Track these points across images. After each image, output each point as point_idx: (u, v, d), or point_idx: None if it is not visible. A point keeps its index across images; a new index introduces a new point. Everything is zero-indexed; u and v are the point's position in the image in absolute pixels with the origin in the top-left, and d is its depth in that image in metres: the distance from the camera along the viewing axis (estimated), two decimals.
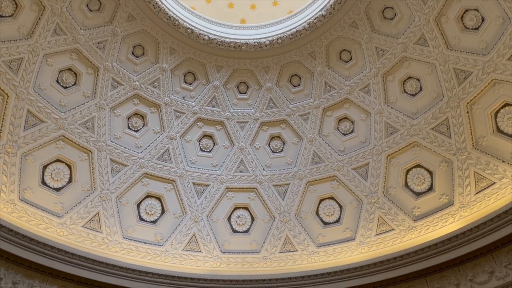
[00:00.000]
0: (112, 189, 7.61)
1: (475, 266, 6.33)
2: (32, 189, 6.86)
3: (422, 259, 6.71)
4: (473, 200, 6.79)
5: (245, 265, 7.87)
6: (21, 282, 6.16)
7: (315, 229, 8.04)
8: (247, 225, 8.27)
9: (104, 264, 6.86)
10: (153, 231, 7.77)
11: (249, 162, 8.54)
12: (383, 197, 7.72)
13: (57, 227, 6.90)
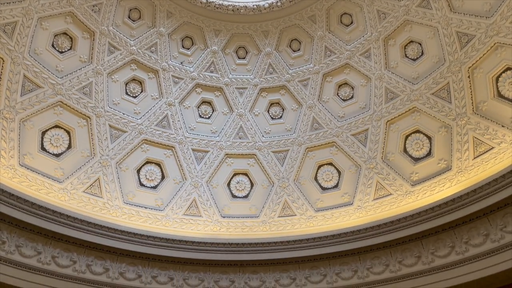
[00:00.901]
0: (112, 155, 7.64)
1: (471, 229, 6.44)
2: (32, 155, 6.89)
3: (418, 222, 6.82)
4: (471, 165, 6.82)
5: (245, 229, 8.01)
6: (24, 245, 6.29)
7: (314, 194, 8.13)
8: (247, 190, 8.36)
9: (105, 228, 6.99)
10: (153, 196, 7.87)
11: (248, 128, 8.53)
12: (382, 162, 7.75)
13: (58, 192, 6.98)
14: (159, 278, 7.20)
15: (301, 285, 7.32)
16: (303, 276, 7.39)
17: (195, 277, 7.37)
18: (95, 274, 6.78)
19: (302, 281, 7.34)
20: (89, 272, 6.76)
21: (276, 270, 7.49)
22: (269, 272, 7.49)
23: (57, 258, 6.54)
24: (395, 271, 6.90)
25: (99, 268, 6.87)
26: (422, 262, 6.75)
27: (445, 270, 6.47)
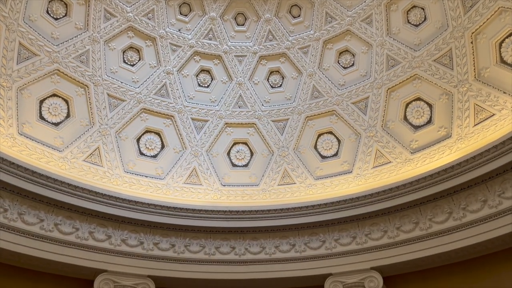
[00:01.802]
0: (111, 124, 7.62)
1: (469, 196, 6.50)
2: (30, 124, 6.87)
3: (417, 189, 6.87)
4: (471, 132, 6.81)
5: (245, 197, 8.08)
6: (26, 213, 6.36)
7: (313, 163, 8.16)
8: (247, 159, 8.38)
9: (107, 197, 7.05)
10: (153, 165, 7.89)
11: (248, 97, 8.46)
12: (382, 130, 7.74)
13: (58, 161, 7.00)
14: (161, 245, 7.32)
15: (301, 251, 7.45)
16: (303, 242, 7.51)
17: (196, 243, 7.50)
18: (97, 241, 6.89)
19: (301, 247, 7.47)
20: (92, 239, 6.87)
21: (276, 236, 7.61)
22: (269, 239, 7.61)
23: (59, 225, 6.63)
24: (393, 237, 7.01)
25: (102, 235, 6.97)
26: (419, 228, 6.84)
27: (442, 236, 6.56)
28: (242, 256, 7.49)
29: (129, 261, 7.01)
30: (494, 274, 6.43)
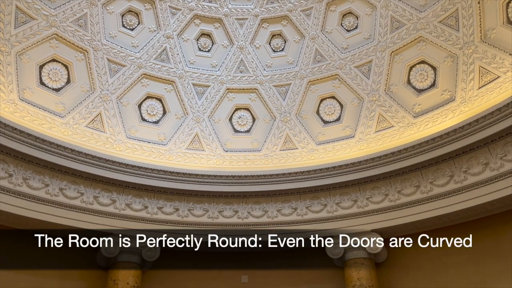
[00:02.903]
0: (112, 90, 7.57)
1: (470, 159, 6.51)
2: (31, 89, 6.83)
3: (419, 153, 6.88)
4: (475, 95, 6.74)
5: (247, 163, 8.12)
6: (31, 178, 6.43)
7: (315, 128, 8.14)
8: (249, 125, 8.36)
9: (110, 162, 7.10)
10: (156, 131, 7.90)
11: (249, 62, 8.34)
12: (385, 94, 7.67)
13: (60, 127, 7.01)
14: (165, 209, 7.43)
15: (302, 214, 7.56)
16: (304, 206, 7.61)
17: (200, 207, 7.61)
18: (102, 205, 7.00)
19: (303, 211, 7.57)
20: (97, 203, 6.98)
21: (278, 200, 7.71)
22: (271, 203, 7.72)
23: (64, 190, 6.72)
24: (394, 200, 7.08)
25: (106, 199, 7.08)
26: (420, 191, 6.90)
27: (443, 198, 6.63)
28: (245, 219, 7.62)
29: (134, 224, 7.15)
30: (493, 236, 6.55)
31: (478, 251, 6.60)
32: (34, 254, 6.62)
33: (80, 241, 6.42)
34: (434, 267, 6.90)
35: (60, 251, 6.84)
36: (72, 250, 6.94)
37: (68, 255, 6.91)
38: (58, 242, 6.86)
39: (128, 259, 6.88)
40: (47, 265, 6.67)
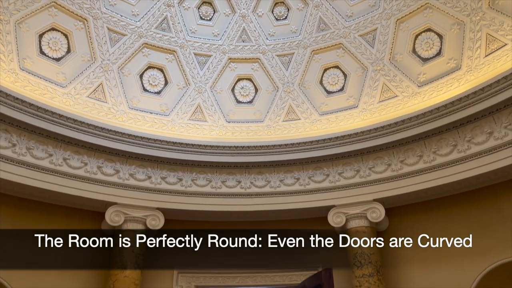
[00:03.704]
0: (113, 60, 7.48)
1: (475, 128, 6.46)
2: (31, 59, 6.76)
3: (422, 123, 6.84)
4: (481, 63, 6.62)
5: (250, 133, 8.11)
6: (34, 148, 6.45)
7: (318, 98, 8.07)
8: (251, 95, 8.30)
9: (113, 132, 7.10)
10: (158, 101, 7.86)
11: (252, 31, 8.19)
12: (389, 64, 7.55)
13: (62, 97, 6.98)
14: (168, 179, 7.48)
15: (305, 184, 7.60)
16: (307, 176, 7.64)
17: (203, 178, 7.65)
18: (106, 175, 7.05)
19: (305, 181, 7.61)
20: (101, 173, 7.02)
21: (281, 171, 7.74)
22: (274, 173, 7.75)
23: (68, 160, 6.76)
24: (397, 170, 7.09)
25: (110, 169, 7.11)
26: (423, 161, 6.90)
27: (446, 168, 6.63)
28: (248, 189, 7.67)
29: (138, 194, 7.21)
30: (495, 205, 6.59)
31: (480, 220, 6.66)
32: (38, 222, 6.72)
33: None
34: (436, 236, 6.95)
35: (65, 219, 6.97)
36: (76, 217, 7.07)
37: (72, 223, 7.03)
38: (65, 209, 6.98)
39: (133, 227, 6.98)
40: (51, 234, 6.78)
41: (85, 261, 6.91)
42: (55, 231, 6.28)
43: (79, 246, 6.80)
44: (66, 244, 6.44)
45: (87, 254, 6.97)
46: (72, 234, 6.31)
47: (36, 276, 6.39)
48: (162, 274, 7.41)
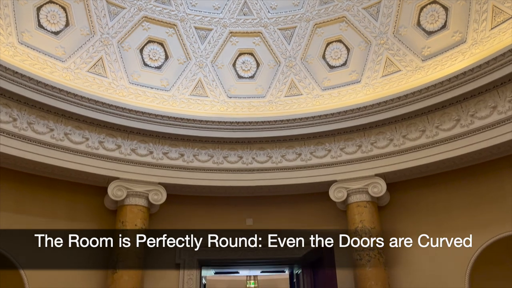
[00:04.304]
0: (112, 34, 7.37)
1: (478, 102, 6.40)
2: (30, 32, 6.66)
3: (426, 97, 6.77)
4: (487, 36, 6.50)
5: (251, 109, 8.06)
6: (35, 122, 6.43)
7: (321, 73, 7.98)
8: (253, 70, 8.20)
9: (114, 107, 7.06)
10: (158, 76, 7.78)
11: (253, 3, 8.01)
12: (393, 37, 7.42)
13: (62, 71, 6.91)
14: (170, 154, 7.48)
15: (306, 159, 7.60)
16: (308, 151, 7.63)
17: (205, 153, 7.65)
18: (108, 150, 7.05)
19: (307, 156, 7.61)
20: (102, 148, 7.02)
21: (282, 146, 7.73)
22: (276, 148, 7.74)
23: (69, 135, 6.74)
24: (399, 145, 7.07)
25: (111, 144, 7.11)
26: (426, 135, 6.87)
27: (449, 142, 6.61)
28: (250, 165, 7.68)
29: (140, 169, 7.23)
30: (496, 179, 6.60)
31: (481, 194, 6.69)
32: (41, 199, 6.78)
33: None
34: (436, 210, 7.02)
35: (68, 194, 7.02)
36: (80, 192, 7.12)
37: (76, 198, 7.08)
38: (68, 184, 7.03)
39: (136, 202, 7.03)
40: (55, 207, 6.84)
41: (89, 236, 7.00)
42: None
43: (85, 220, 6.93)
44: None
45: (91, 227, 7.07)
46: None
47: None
48: (165, 248, 7.49)
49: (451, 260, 6.56)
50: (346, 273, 7.06)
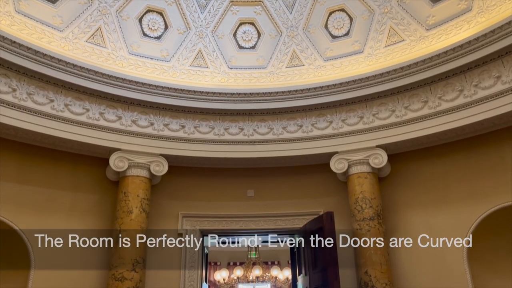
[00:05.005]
0: (110, 2, 7.21)
1: (482, 72, 6.32)
2: (26, 1, 6.51)
3: (429, 68, 6.69)
4: (493, 4, 6.34)
5: (252, 80, 7.98)
6: (35, 93, 6.39)
7: (323, 43, 7.85)
8: (254, 41, 8.07)
9: (113, 78, 7.00)
10: (158, 47, 7.66)
11: None
12: (397, 6, 7.24)
13: (60, 41, 6.81)
14: (171, 126, 7.47)
15: (308, 131, 7.58)
16: (310, 123, 7.60)
17: (206, 125, 7.64)
18: (108, 121, 7.03)
19: (308, 128, 7.59)
20: (103, 119, 7.00)
21: (284, 118, 7.70)
22: (277, 120, 7.71)
23: (70, 106, 6.72)
24: (401, 116, 7.03)
25: (112, 116, 7.09)
26: (428, 106, 6.82)
27: (451, 113, 6.56)
28: (251, 136, 7.67)
29: (141, 140, 7.23)
30: (496, 150, 6.59)
31: (481, 165, 6.69)
32: (45, 170, 6.82)
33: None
34: (436, 181, 7.05)
35: (71, 165, 7.06)
36: (82, 163, 7.16)
37: (78, 169, 7.13)
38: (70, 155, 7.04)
39: (138, 173, 7.06)
40: (58, 177, 6.89)
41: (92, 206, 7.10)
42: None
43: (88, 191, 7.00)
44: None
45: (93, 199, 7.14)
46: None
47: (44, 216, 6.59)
48: (167, 218, 7.60)
49: (450, 230, 6.62)
50: (346, 243, 7.16)
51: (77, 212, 6.89)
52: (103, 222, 7.02)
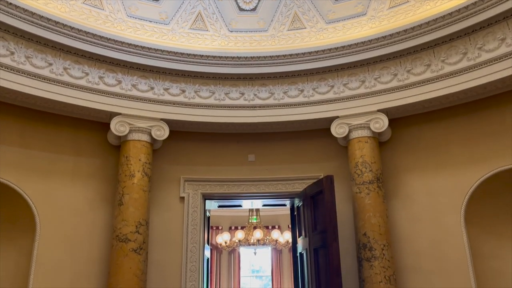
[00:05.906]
0: None
1: (487, 34, 6.21)
2: None
3: (433, 30, 6.55)
4: None
5: (253, 44, 7.86)
6: (33, 56, 6.32)
7: (326, 5, 7.65)
8: (254, 2, 7.86)
9: (112, 41, 6.89)
10: (157, 9, 7.49)
11: None
12: None
13: (56, 2, 6.65)
14: (171, 90, 7.42)
15: (309, 96, 7.53)
16: (311, 87, 7.55)
17: (206, 89, 7.59)
18: (108, 86, 6.98)
19: (309, 92, 7.54)
20: (103, 83, 6.95)
21: (285, 82, 7.63)
22: (278, 85, 7.65)
23: (69, 69, 6.65)
24: (403, 80, 6.97)
25: (112, 80, 7.03)
26: (430, 70, 6.74)
27: (454, 77, 6.48)
28: (251, 101, 7.63)
29: (142, 105, 7.20)
30: (498, 114, 6.56)
31: (482, 129, 6.68)
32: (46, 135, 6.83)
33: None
34: (437, 145, 7.06)
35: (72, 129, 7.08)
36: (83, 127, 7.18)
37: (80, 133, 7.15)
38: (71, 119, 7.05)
39: (139, 137, 7.07)
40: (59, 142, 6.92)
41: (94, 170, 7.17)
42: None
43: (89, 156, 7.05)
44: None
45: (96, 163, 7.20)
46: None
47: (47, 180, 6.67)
48: (169, 182, 7.69)
49: (449, 193, 6.71)
50: (345, 206, 7.30)
51: (80, 176, 6.97)
52: (106, 186, 7.12)
